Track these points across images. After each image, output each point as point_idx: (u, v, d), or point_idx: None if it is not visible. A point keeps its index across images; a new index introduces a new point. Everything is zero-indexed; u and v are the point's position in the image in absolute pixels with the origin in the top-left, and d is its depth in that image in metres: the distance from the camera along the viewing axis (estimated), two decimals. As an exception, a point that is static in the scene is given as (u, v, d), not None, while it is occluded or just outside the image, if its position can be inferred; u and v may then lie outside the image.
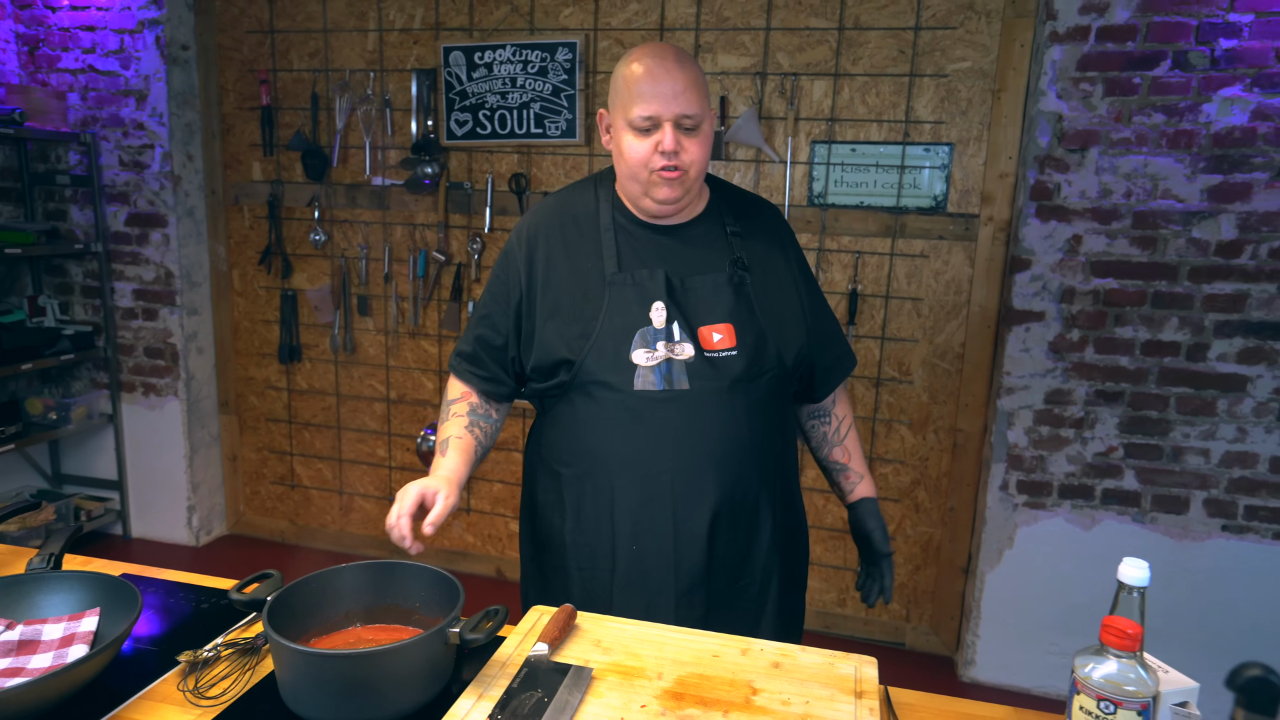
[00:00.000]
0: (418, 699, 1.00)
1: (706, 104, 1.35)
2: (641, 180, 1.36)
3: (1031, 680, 2.82)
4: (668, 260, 1.40)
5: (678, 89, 1.30)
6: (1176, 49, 2.44)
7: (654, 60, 1.32)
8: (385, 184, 3.33)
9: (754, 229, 1.48)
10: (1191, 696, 0.91)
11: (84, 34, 3.40)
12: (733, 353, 1.37)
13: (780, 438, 1.46)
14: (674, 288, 1.38)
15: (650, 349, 1.35)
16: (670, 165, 1.32)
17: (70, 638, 1.08)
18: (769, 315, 1.41)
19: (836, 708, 1.01)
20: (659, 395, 1.34)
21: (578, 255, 1.42)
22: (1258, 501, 2.59)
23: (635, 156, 1.34)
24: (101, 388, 3.66)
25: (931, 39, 2.74)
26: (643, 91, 1.31)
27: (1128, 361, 2.63)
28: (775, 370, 1.40)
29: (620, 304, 1.37)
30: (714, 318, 1.38)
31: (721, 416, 1.36)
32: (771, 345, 1.40)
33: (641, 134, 1.33)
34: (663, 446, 1.35)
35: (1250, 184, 2.45)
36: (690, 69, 1.33)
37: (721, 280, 1.40)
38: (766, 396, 1.40)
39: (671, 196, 1.36)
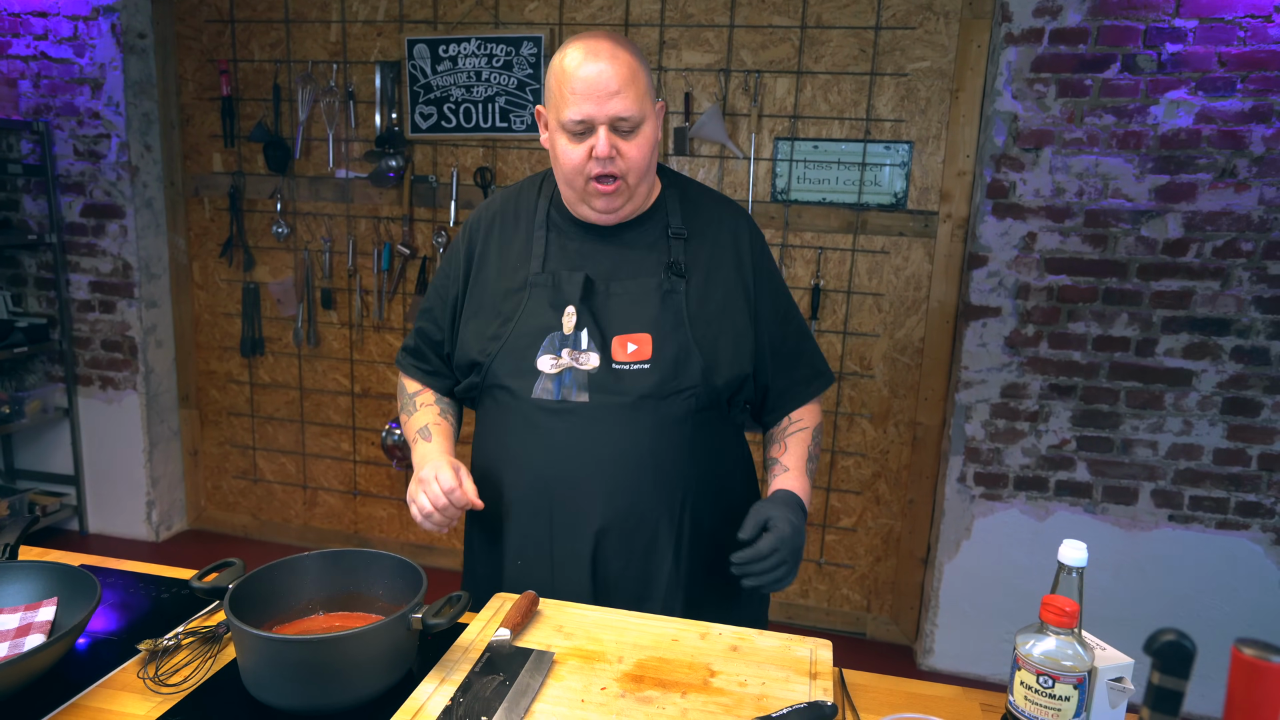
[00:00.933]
0: (380, 684, 1.01)
1: (648, 100, 1.24)
2: (577, 188, 1.27)
3: (988, 668, 2.89)
4: (597, 262, 1.31)
5: (612, 88, 1.19)
6: (1125, 52, 2.52)
7: (586, 55, 1.20)
8: (349, 176, 3.31)
9: (704, 231, 1.36)
10: (1127, 672, 0.96)
11: (35, 20, 3.32)
12: (644, 366, 1.27)
13: (697, 462, 1.31)
14: (594, 292, 1.29)
15: (556, 355, 1.27)
16: (606, 174, 1.23)
17: (27, 627, 1.07)
18: (702, 328, 1.29)
19: (792, 688, 1.04)
20: (553, 405, 1.27)
21: (510, 253, 1.36)
22: (1201, 492, 2.68)
23: (569, 162, 1.24)
24: (57, 381, 3.59)
25: (892, 38, 2.79)
26: (575, 91, 1.19)
27: (1080, 356, 2.71)
28: (698, 389, 1.28)
29: (536, 306, 1.30)
30: (632, 326, 1.28)
31: (617, 434, 1.26)
32: (697, 361, 1.28)
33: (575, 138, 1.22)
34: (552, 460, 1.28)
35: (1195, 184, 2.54)
36: (627, 62, 1.20)
37: (649, 286, 1.30)
38: (682, 416, 1.28)
39: (609, 207, 1.27)
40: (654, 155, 1.28)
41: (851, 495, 3.10)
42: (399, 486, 3.53)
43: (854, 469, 3.09)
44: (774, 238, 2.99)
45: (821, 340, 3.03)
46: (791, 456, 1.38)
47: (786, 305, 1.42)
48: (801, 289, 3.00)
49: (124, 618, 1.20)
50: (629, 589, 1.31)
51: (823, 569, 3.18)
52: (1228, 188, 2.52)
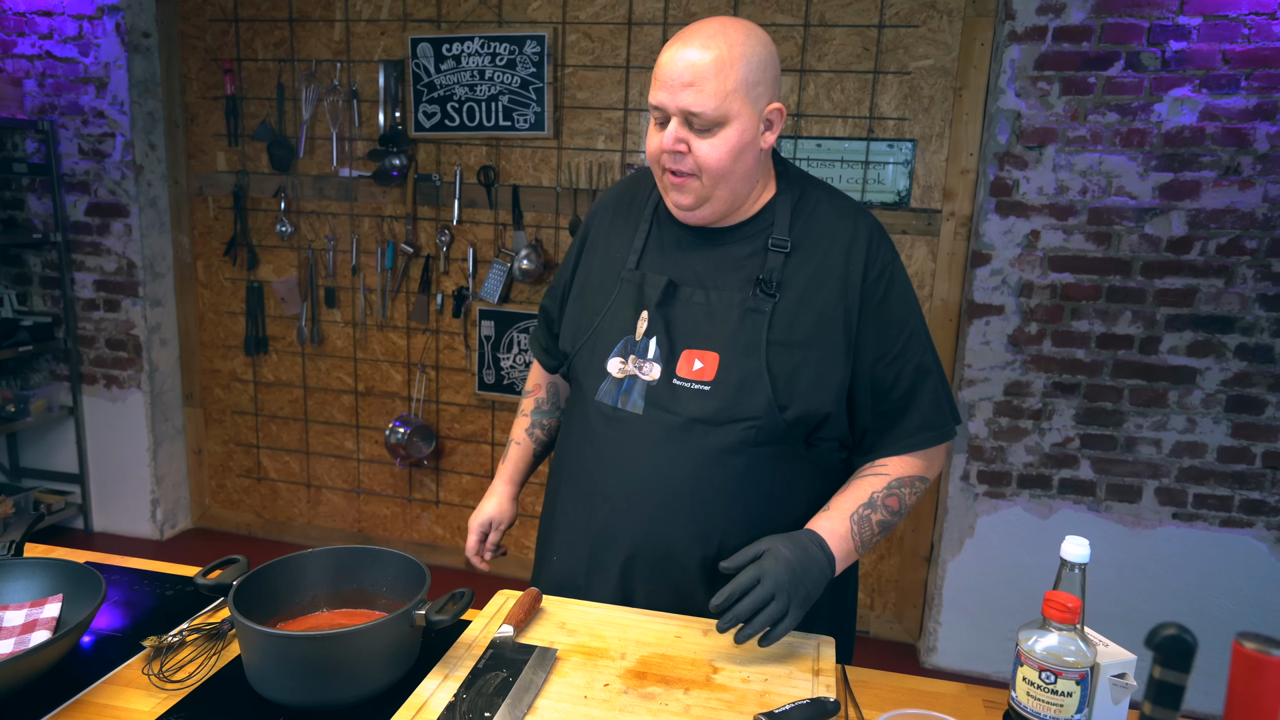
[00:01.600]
0: (384, 681, 1.02)
1: (739, 99, 1.11)
2: (657, 176, 1.21)
3: (991, 666, 2.89)
4: (690, 265, 1.23)
5: (686, 79, 1.09)
6: (1129, 50, 2.51)
7: (681, 40, 1.13)
8: (352, 175, 3.31)
9: (814, 243, 1.21)
10: (1129, 668, 0.96)
11: (41, 19, 3.33)
12: (704, 387, 1.18)
13: (746, 498, 1.19)
14: (675, 298, 1.21)
15: (624, 359, 1.23)
16: (674, 169, 1.15)
17: (32, 624, 1.08)
18: (781, 354, 1.17)
19: (794, 685, 1.04)
20: (609, 411, 1.22)
21: (617, 242, 1.31)
22: (1205, 490, 2.67)
23: (648, 149, 1.18)
24: (62, 380, 3.60)
25: (895, 37, 2.79)
26: (657, 76, 1.13)
27: (1083, 354, 2.71)
28: (759, 421, 1.16)
29: (621, 305, 1.25)
30: (703, 342, 1.19)
31: (664, 454, 1.18)
32: (764, 391, 1.16)
33: (657, 125, 1.16)
34: (599, 468, 1.24)
35: (1199, 182, 2.53)
36: (719, 56, 1.09)
37: (733, 300, 1.19)
38: (734, 447, 1.17)
39: (682, 203, 1.18)
40: (738, 161, 1.15)
41: (854, 493, 3.10)
42: (402, 485, 3.54)
43: (857, 467, 3.09)
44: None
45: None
46: (844, 498, 1.20)
47: (905, 340, 1.21)
48: (804, 287, 3.00)
49: (129, 614, 1.20)
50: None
51: (826, 567, 3.17)
52: (1232, 185, 2.51)
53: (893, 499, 1.21)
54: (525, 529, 3.45)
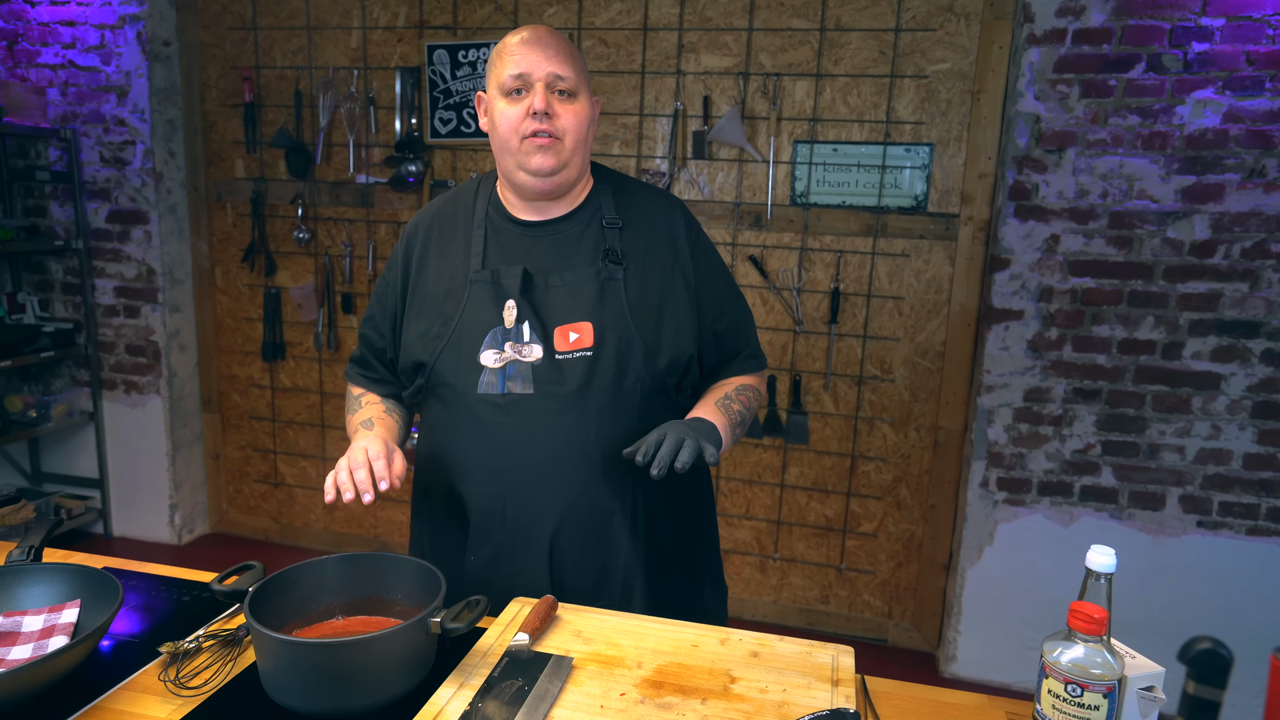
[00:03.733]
0: (399, 688, 1.01)
1: (585, 80, 1.30)
2: (513, 150, 1.27)
3: (1012, 676, 2.85)
4: (535, 257, 1.33)
5: (550, 53, 1.25)
6: (1151, 52, 2.48)
7: (528, 29, 1.28)
8: (369, 182, 3.33)
9: (640, 220, 1.38)
10: (1157, 681, 0.94)
11: (64, 29, 3.37)
12: (587, 353, 1.28)
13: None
14: (533, 285, 1.31)
15: (498, 350, 1.28)
16: (543, 130, 1.24)
17: (50, 629, 1.08)
18: (642, 314, 1.31)
19: (813, 695, 1.03)
20: (499, 400, 1.28)
21: (448, 254, 1.37)
22: (1231, 498, 2.63)
23: (506, 123, 1.26)
24: (82, 385, 3.64)
25: (912, 40, 2.77)
26: (514, 54, 1.25)
27: (1105, 360, 2.67)
28: (642, 375, 1.30)
29: (478, 303, 1.31)
30: (572, 316, 1.29)
31: (564, 424, 1.27)
32: (639, 347, 1.29)
33: (513, 96, 1.26)
34: (502, 455, 1.29)
35: (1223, 185, 2.50)
36: (566, 42, 1.28)
37: (587, 275, 1.31)
38: (629, 402, 1.29)
39: (546, 165, 1.27)
40: (589, 132, 1.31)
41: (872, 500, 3.08)
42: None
43: (875, 474, 3.07)
44: (793, 241, 2.98)
45: (841, 344, 3.00)
46: (703, 400, 1.37)
47: (728, 290, 1.43)
48: (821, 293, 2.99)
49: (146, 620, 1.20)
50: (586, 580, 1.32)
51: (843, 574, 3.15)
52: (1256, 188, 2.47)
53: (743, 396, 1.40)
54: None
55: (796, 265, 2.98)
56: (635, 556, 1.33)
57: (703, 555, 1.49)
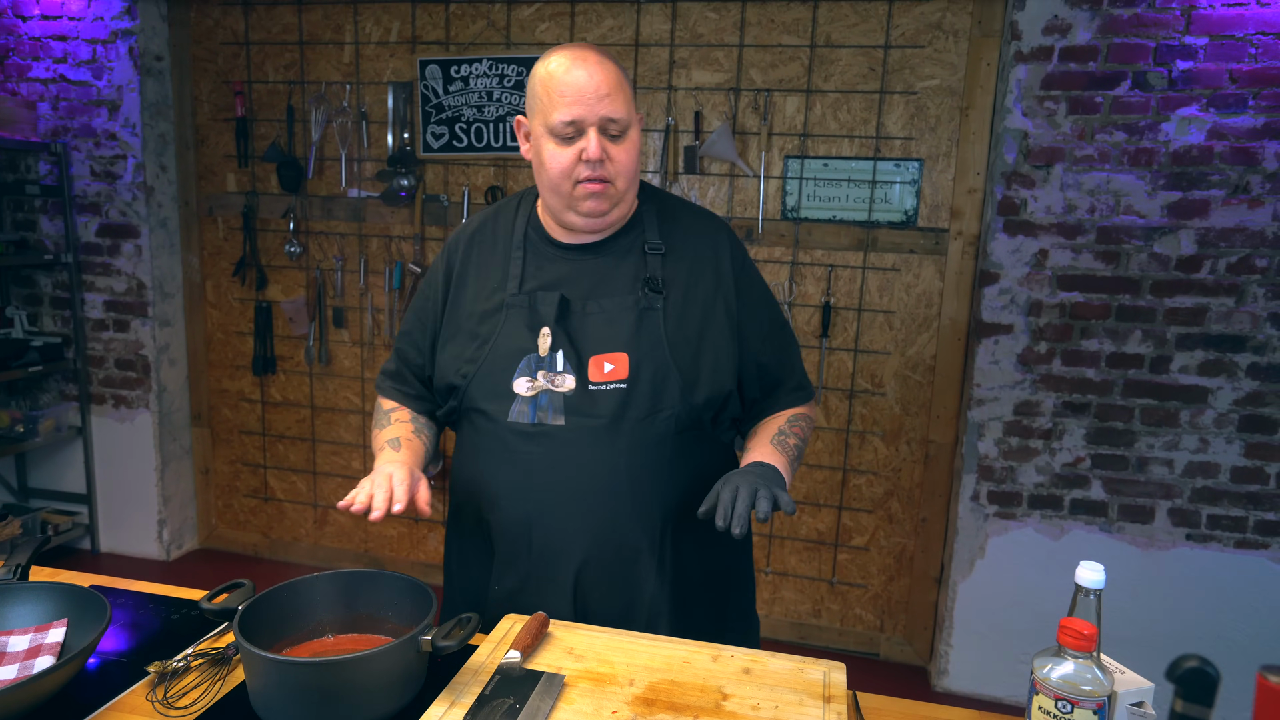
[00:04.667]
0: (390, 707, 1.00)
1: (633, 108, 1.24)
2: (564, 194, 1.24)
3: (1004, 690, 2.85)
4: (574, 282, 1.29)
5: (602, 91, 1.18)
6: (1136, 69, 2.51)
7: (573, 61, 1.20)
8: (361, 196, 3.33)
9: (683, 245, 1.33)
10: (1147, 697, 0.94)
11: (55, 43, 3.37)
12: (621, 385, 1.24)
13: (678, 484, 1.28)
14: (570, 312, 1.27)
15: (531, 378, 1.25)
16: (596, 176, 1.21)
17: (37, 649, 1.07)
18: (680, 345, 1.26)
19: (805, 712, 1.03)
20: (529, 429, 1.25)
21: (486, 275, 1.34)
22: (1220, 511, 2.64)
23: (557, 167, 1.22)
24: (70, 400, 3.61)
25: (901, 57, 2.80)
26: (564, 94, 1.18)
27: (1093, 373, 2.69)
28: (677, 409, 1.25)
29: (513, 328, 1.28)
30: (608, 346, 1.25)
31: (595, 457, 1.24)
32: (675, 380, 1.25)
33: (563, 141, 1.21)
34: (530, 485, 1.26)
35: (1208, 201, 2.52)
36: (614, 69, 1.21)
37: (626, 304, 1.27)
38: (662, 436, 1.25)
39: (598, 209, 1.25)
40: (638, 164, 1.28)
41: (864, 514, 3.08)
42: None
43: (866, 487, 3.07)
44: (784, 255, 2.99)
45: (832, 358, 3.02)
46: (756, 439, 1.33)
47: (773, 319, 1.39)
48: (812, 306, 3.00)
49: (134, 639, 1.20)
50: (610, 616, 1.28)
51: (835, 588, 3.15)
52: (1241, 204, 2.50)
53: (796, 428, 1.36)
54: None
55: (788, 279, 3.00)
56: (661, 594, 1.29)
57: (733, 591, 1.45)
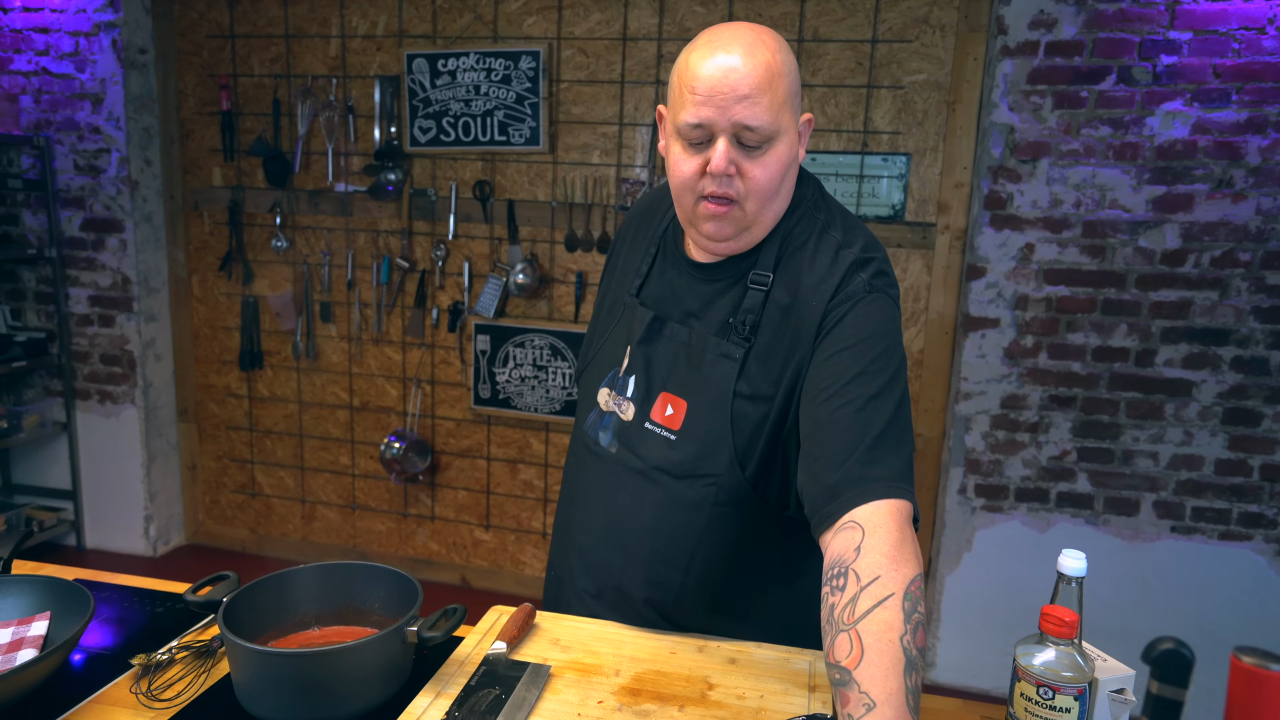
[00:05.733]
0: (375, 698, 1.00)
1: (787, 111, 1.01)
2: (686, 207, 1.06)
3: (991, 681, 2.87)
4: (683, 299, 1.14)
5: (741, 90, 0.97)
6: (1121, 64, 2.53)
7: (717, 48, 0.99)
8: (348, 190, 3.31)
9: (794, 282, 1.07)
10: (1128, 683, 0.95)
11: (37, 35, 3.34)
12: (670, 435, 1.10)
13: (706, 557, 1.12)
14: (660, 335, 1.14)
15: (609, 392, 1.18)
16: (721, 194, 1.02)
17: (19, 642, 1.06)
18: (747, 409, 1.07)
19: (790, 701, 1.03)
20: (590, 444, 1.20)
21: (630, 260, 1.25)
22: (1203, 503, 2.67)
23: (680, 174, 1.03)
24: (55, 395, 3.59)
25: (888, 52, 2.81)
26: (696, 90, 0.98)
27: (1079, 367, 2.71)
28: (721, 479, 1.08)
29: (619, 333, 1.20)
30: (678, 387, 1.11)
31: (625, 498, 1.14)
32: (727, 448, 1.07)
33: (691, 147, 1.02)
34: (578, 500, 1.24)
35: (1192, 195, 2.54)
36: (766, 63, 0.98)
37: (709, 344, 1.09)
38: (698, 502, 1.09)
39: (719, 234, 1.05)
40: (786, 179, 1.05)
41: (852, 507, 3.09)
42: (398, 500, 3.52)
43: (854, 481, 3.08)
44: (772, 250, 2.99)
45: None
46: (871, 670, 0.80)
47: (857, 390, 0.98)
48: (800, 301, 3.00)
49: (118, 632, 1.19)
50: None
51: (823, 582, 3.16)
52: (1225, 198, 2.52)
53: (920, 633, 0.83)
54: (521, 544, 3.43)
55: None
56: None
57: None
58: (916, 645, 0.82)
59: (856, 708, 0.78)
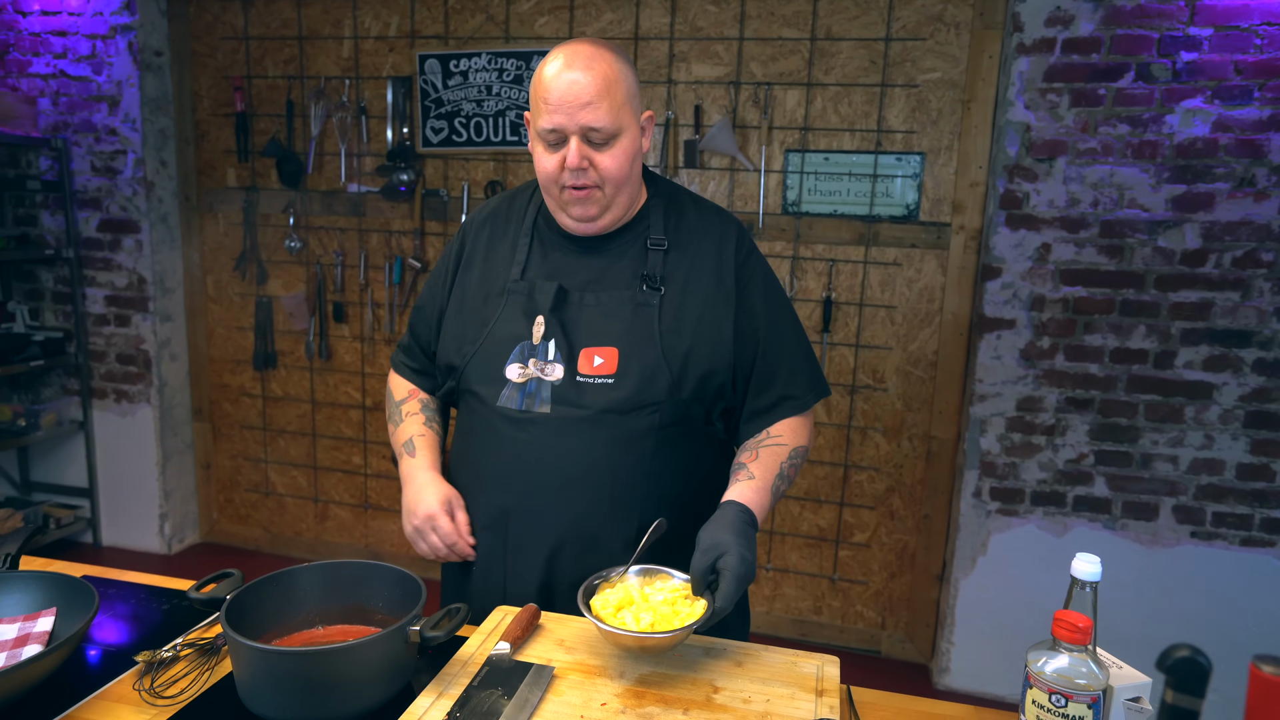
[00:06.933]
0: (377, 697, 1.00)
1: (627, 111, 1.21)
2: (553, 196, 1.27)
3: (1006, 688, 2.83)
4: (576, 273, 1.31)
5: (584, 98, 1.17)
6: (1139, 61, 2.49)
7: (563, 64, 1.19)
8: (361, 191, 3.32)
9: (688, 240, 1.33)
10: (1144, 692, 0.92)
11: (55, 39, 3.37)
12: (609, 380, 1.25)
13: (660, 479, 1.28)
14: (567, 303, 1.29)
15: (523, 364, 1.28)
16: (579, 184, 1.22)
17: (25, 638, 1.06)
18: (674, 341, 1.26)
19: (797, 705, 1.02)
20: (516, 415, 1.27)
21: (495, 257, 1.37)
22: (1225, 508, 2.62)
23: (544, 171, 1.24)
24: (72, 394, 3.62)
25: (902, 50, 2.78)
26: (548, 101, 1.19)
27: (1097, 369, 2.67)
28: (662, 405, 1.25)
29: (511, 314, 1.30)
30: (601, 339, 1.27)
31: (575, 447, 1.25)
32: (664, 376, 1.25)
33: (550, 147, 1.22)
34: (513, 471, 1.28)
35: (1213, 194, 2.50)
36: (603, 72, 1.18)
37: (623, 299, 1.28)
38: (644, 431, 1.25)
39: (586, 214, 1.26)
40: (634, 166, 1.26)
41: (865, 510, 3.06)
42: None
43: (867, 483, 3.05)
44: (785, 250, 2.97)
45: (833, 353, 3.00)
46: (760, 466, 1.28)
47: (772, 314, 1.34)
48: (813, 301, 2.98)
49: (124, 629, 1.19)
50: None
51: (836, 585, 3.13)
52: (1246, 197, 2.48)
53: (792, 469, 1.32)
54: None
55: (789, 274, 2.98)
56: None
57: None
58: (788, 474, 1.31)
59: (742, 476, 1.26)
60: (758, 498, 1.23)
